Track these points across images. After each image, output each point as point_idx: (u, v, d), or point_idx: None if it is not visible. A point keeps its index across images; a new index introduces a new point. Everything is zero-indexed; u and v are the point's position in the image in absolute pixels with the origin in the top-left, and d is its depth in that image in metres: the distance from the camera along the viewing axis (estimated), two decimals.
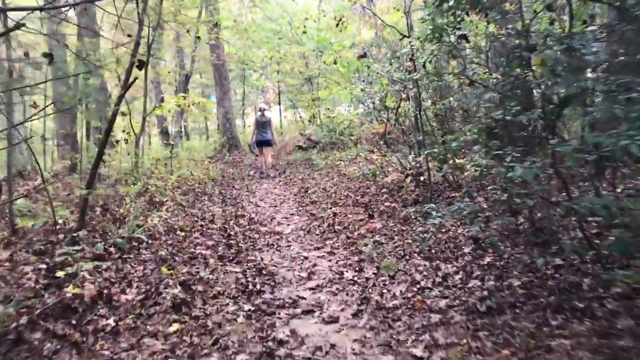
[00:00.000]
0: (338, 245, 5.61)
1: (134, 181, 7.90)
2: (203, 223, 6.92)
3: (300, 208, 8.15)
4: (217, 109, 18.53)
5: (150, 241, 5.55)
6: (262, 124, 12.21)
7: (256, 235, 6.35)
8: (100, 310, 3.71)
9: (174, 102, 10.27)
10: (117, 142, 8.38)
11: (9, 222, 5.40)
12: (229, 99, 17.68)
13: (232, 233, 6.43)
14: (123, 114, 7.91)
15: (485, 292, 3.79)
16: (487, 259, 4.42)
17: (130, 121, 8.02)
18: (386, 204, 7.09)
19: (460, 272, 4.25)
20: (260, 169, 12.48)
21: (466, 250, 4.76)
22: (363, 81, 10.72)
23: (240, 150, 17.60)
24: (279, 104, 26.64)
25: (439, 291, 4.01)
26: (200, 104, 10.57)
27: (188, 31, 12.73)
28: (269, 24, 19.24)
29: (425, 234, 3.76)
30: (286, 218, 7.55)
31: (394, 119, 7.19)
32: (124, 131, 8.25)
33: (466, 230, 5.13)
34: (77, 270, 4.07)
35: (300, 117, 20.44)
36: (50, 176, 7.27)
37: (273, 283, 4.50)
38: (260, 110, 12.75)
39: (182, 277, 4.46)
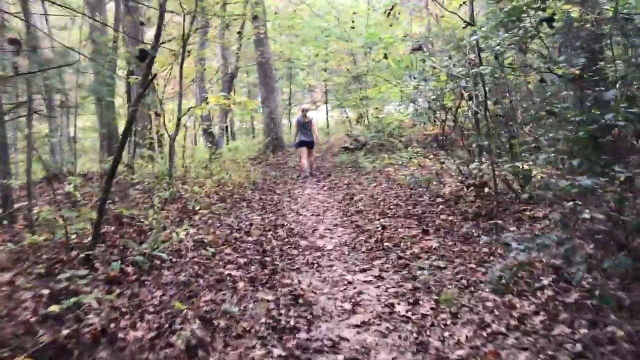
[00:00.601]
0: (387, 268, 4.83)
1: (166, 187, 7.36)
2: (238, 235, 6.28)
3: (345, 218, 7.41)
4: (262, 109, 18.01)
5: (174, 259, 4.93)
6: (304, 125, 12.02)
7: (295, 252, 5.65)
8: (101, 352, 3.09)
9: (214, 102, 9.70)
10: (151, 144, 7.88)
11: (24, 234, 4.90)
12: (274, 98, 17.11)
13: (269, 248, 5.76)
14: (157, 114, 7.38)
15: (579, 346, 2.95)
16: (574, 296, 3.55)
17: (164, 122, 7.49)
18: (442, 217, 6.25)
19: (542, 313, 3.41)
20: (303, 171, 12.11)
21: (545, 281, 3.89)
22: (414, 78, 9.86)
23: (284, 151, 17.00)
24: (326, 103, 25.97)
25: (516, 339, 3.19)
26: (242, 103, 9.96)
27: (228, 26, 12.21)
28: (316, 20, 18.59)
29: (502, 272, 2.94)
30: (329, 230, 6.82)
31: (452, 119, 6.34)
32: (157, 132, 7.74)
33: (542, 255, 4.26)
34: (82, 300, 3.47)
35: (347, 117, 19.67)
36: (76, 180, 6.78)
37: (310, 316, 3.78)
38: (302, 111, 12.49)
39: (205, 307, 3.80)
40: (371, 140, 13.20)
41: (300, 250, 5.74)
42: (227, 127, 26.87)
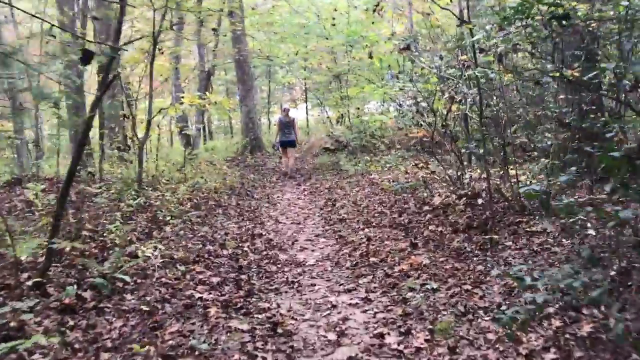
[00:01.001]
0: (374, 287, 4.41)
1: (135, 195, 6.84)
2: (212, 248, 5.81)
3: (327, 227, 6.99)
4: (240, 108, 17.50)
5: (140, 280, 4.44)
6: (286, 124, 12.12)
7: (273, 268, 5.20)
8: None
9: (188, 102, 9.22)
10: (119, 148, 7.34)
11: None
12: (252, 97, 16.61)
13: (245, 263, 5.30)
14: (125, 116, 6.87)
15: None
16: (586, 328, 3.18)
17: (134, 125, 6.97)
18: (431, 227, 5.87)
19: (552, 349, 3.03)
20: (284, 171, 12.29)
21: (550, 308, 3.51)
22: (397, 78, 9.50)
23: (263, 152, 16.52)
24: (306, 101, 25.52)
25: None
26: (217, 103, 9.48)
27: (202, 22, 11.69)
28: (295, 17, 18.13)
29: (516, 314, 2.54)
30: (310, 241, 6.39)
31: (442, 123, 5.95)
32: (126, 136, 7.22)
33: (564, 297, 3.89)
34: (24, 343, 2.97)
35: (328, 117, 19.26)
36: (37, 187, 6.24)
37: (290, 350, 3.35)
38: (283, 111, 12.70)
39: (170, 341, 3.34)
40: (353, 141, 12.81)
41: (280, 265, 5.30)
42: (204, 126, 26.29)
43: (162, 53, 10.86)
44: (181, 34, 15.91)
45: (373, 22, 12.96)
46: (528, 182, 6.43)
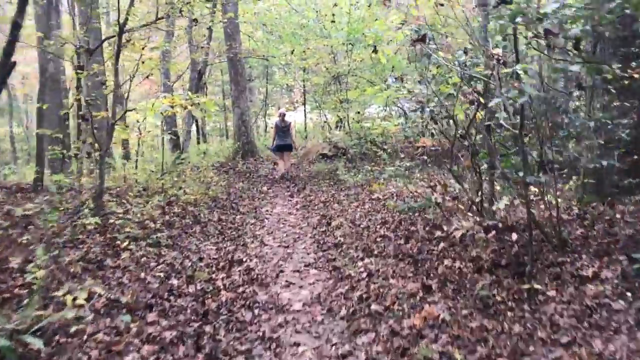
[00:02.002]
0: (378, 353, 3.32)
1: (92, 212, 5.74)
2: (176, 283, 4.71)
3: (320, 254, 5.89)
4: (232, 110, 16.43)
5: (65, 339, 3.34)
6: (282, 129, 12.00)
7: (248, 315, 4.09)
8: None
9: (167, 103, 8.13)
10: (76, 156, 6.24)
11: None
12: (245, 98, 15.54)
13: (214, 306, 4.21)
14: (84, 118, 5.80)
15: None
16: None
17: (93, 132, 5.86)
18: (446, 262, 4.76)
19: None
20: (279, 176, 12.21)
21: None
22: (401, 80, 8.44)
23: (256, 157, 15.43)
24: (304, 104, 24.47)
25: None
26: (200, 104, 8.39)
27: (196, 21, 10.62)
28: (294, 16, 17.10)
29: None
30: (298, 272, 5.29)
31: (461, 133, 4.87)
32: (84, 141, 6.14)
33: None
34: None
35: (326, 121, 18.18)
36: None
37: None
38: (280, 115, 12.39)
39: None
40: (352, 148, 11.71)
41: (257, 311, 4.19)
42: (198, 128, 25.21)
43: (130, 45, 9.67)
44: (172, 28, 14.84)
45: (376, 20, 11.90)
46: (565, 208, 5.36)
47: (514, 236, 4.09)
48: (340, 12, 12.66)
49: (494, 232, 4.20)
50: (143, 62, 12.33)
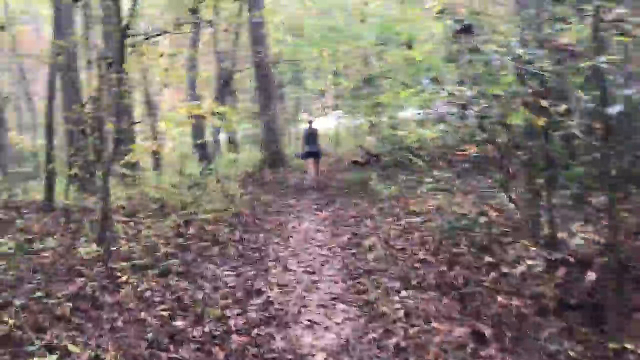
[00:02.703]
0: None
1: (92, 237, 5.15)
2: (180, 325, 4.04)
3: (350, 282, 5.14)
4: (259, 118, 15.86)
5: None
6: (310, 136, 11.97)
7: None
8: None
9: (185, 112, 7.61)
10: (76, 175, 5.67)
11: None
12: (274, 105, 14.92)
13: (221, 358, 3.52)
14: (84, 133, 5.23)
15: None
16: None
17: (95, 148, 5.27)
18: (500, 297, 3.95)
19: None
20: (308, 181, 12.06)
21: None
22: (436, 81, 7.64)
23: (286, 166, 14.77)
24: (336, 110, 23.76)
25: None
26: (220, 113, 7.83)
27: (212, 25, 10.06)
28: (323, 20, 16.47)
29: None
30: (324, 308, 4.55)
31: (514, 142, 4.07)
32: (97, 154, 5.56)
33: None
34: None
35: (358, 127, 17.42)
36: None
37: None
38: (308, 122, 12.55)
39: None
40: (385, 156, 10.91)
41: None
42: (229, 137, 24.81)
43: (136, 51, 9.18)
44: (185, 32, 14.38)
45: (412, 20, 11.12)
46: None
47: (591, 275, 3.25)
48: (371, 12, 11.91)
49: (563, 268, 3.38)
50: (167, 70, 11.91)
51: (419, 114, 11.50)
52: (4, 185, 8.93)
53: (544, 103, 3.34)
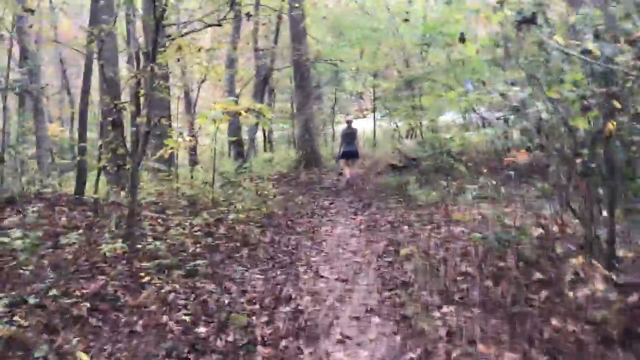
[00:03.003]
0: None
1: (117, 233, 4.96)
2: (202, 332, 3.78)
3: (386, 294, 4.78)
4: (296, 117, 15.63)
5: None
6: (347, 135, 11.91)
7: None
8: None
9: (219, 108, 7.41)
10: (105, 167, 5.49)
11: None
12: (310, 105, 14.69)
13: None
14: (115, 124, 5.06)
15: None
16: None
17: (124, 141, 5.05)
18: (554, 320, 3.54)
19: None
20: (344, 181, 12.04)
21: None
22: (482, 83, 7.24)
23: (320, 167, 14.49)
24: (374, 111, 23.37)
25: None
26: (256, 110, 7.59)
27: (248, 12, 9.83)
28: (364, 19, 16.12)
29: None
30: (357, 320, 4.22)
31: (574, 150, 3.65)
32: (116, 152, 5.37)
33: None
34: None
35: (396, 129, 17.00)
36: None
37: None
38: (346, 122, 12.49)
39: None
40: (425, 161, 10.50)
41: None
42: (264, 135, 24.70)
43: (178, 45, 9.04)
44: (237, 35, 14.27)
45: (458, 21, 10.65)
46: None
47: None
48: (415, 11, 11.50)
49: (636, 295, 2.96)
50: (207, 66, 11.81)
51: (463, 117, 11.06)
52: (38, 176, 8.90)
53: (617, 105, 2.93)
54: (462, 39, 4.08)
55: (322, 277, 5.49)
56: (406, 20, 10.82)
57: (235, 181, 10.92)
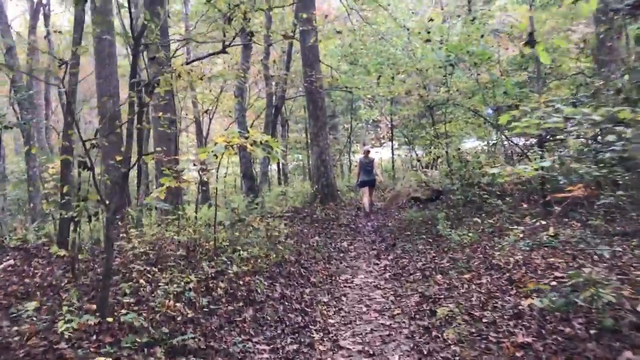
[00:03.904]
0: None
1: (77, 304, 3.95)
2: None
3: None
4: (310, 148, 14.72)
5: None
6: (366, 165, 12.23)
7: None
8: None
9: (221, 141, 6.49)
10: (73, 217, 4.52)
11: None
12: (325, 135, 13.73)
13: None
14: (85, 167, 4.12)
15: None
16: None
17: (97, 186, 4.10)
18: None
19: None
20: (364, 210, 12.33)
21: None
22: (516, 106, 6.28)
23: (337, 201, 13.47)
24: (391, 140, 22.44)
25: None
26: (262, 143, 6.65)
27: (251, 31, 8.98)
28: (380, 46, 15.30)
29: None
30: None
31: None
32: (86, 200, 4.41)
33: None
34: None
35: (417, 158, 15.97)
36: None
37: None
38: (364, 152, 12.75)
39: None
40: (454, 194, 9.40)
41: None
42: (278, 168, 23.84)
43: (202, 78, 8.27)
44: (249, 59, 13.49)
45: (482, 36, 9.74)
46: None
47: None
48: (437, 29, 10.59)
49: None
50: (209, 94, 10.94)
51: (490, 144, 10.02)
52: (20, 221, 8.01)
53: None
54: (532, 42, 3.09)
55: (342, 348, 4.42)
56: (428, 40, 9.90)
57: (244, 219, 9.97)
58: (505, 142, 10.53)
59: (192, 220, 8.71)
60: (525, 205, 7.97)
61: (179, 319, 4.44)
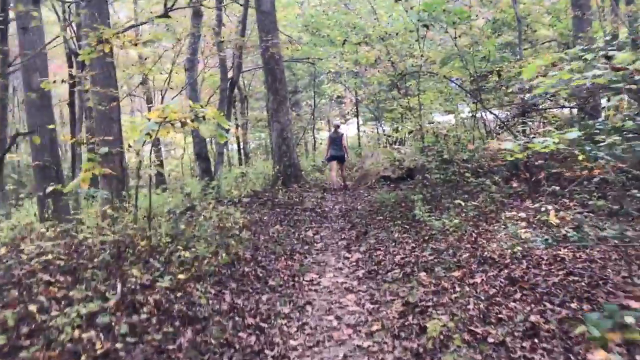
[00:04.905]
0: None
1: None
2: None
3: None
4: (270, 125, 13.49)
5: None
6: (335, 140, 12.14)
7: None
8: None
9: (154, 117, 5.30)
10: None
11: None
12: (286, 110, 12.52)
13: None
14: None
15: None
16: None
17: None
18: None
19: None
20: (332, 185, 12.20)
21: None
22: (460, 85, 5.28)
23: (301, 183, 12.34)
24: (357, 116, 21.36)
25: None
26: (205, 118, 5.49)
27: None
28: (343, 15, 14.17)
29: None
30: None
31: None
32: None
33: None
34: None
35: (386, 134, 14.95)
36: None
37: None
38: (334, 127, 12.86)
39: None
40: (433, 174, 8.36)
41: None
42: (239, 146, 22.54)
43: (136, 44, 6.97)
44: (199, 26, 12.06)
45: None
46: None
47: None
48: None
49: None
50: (151, 68, 9.68)
51: (496, 115, 9.04)
52: None
53: None
54: None
55: None
56: (397, 0, 8.75)
57: (195, 206, 8.78)
58: (484, 115, 9.54)
59: (131, 211, 7.41)
60: (514, 185, 7.01)
61: (88, 354, 3.26)
